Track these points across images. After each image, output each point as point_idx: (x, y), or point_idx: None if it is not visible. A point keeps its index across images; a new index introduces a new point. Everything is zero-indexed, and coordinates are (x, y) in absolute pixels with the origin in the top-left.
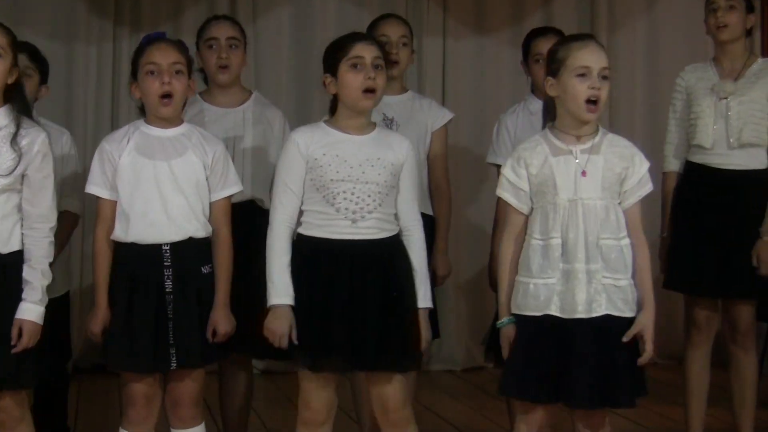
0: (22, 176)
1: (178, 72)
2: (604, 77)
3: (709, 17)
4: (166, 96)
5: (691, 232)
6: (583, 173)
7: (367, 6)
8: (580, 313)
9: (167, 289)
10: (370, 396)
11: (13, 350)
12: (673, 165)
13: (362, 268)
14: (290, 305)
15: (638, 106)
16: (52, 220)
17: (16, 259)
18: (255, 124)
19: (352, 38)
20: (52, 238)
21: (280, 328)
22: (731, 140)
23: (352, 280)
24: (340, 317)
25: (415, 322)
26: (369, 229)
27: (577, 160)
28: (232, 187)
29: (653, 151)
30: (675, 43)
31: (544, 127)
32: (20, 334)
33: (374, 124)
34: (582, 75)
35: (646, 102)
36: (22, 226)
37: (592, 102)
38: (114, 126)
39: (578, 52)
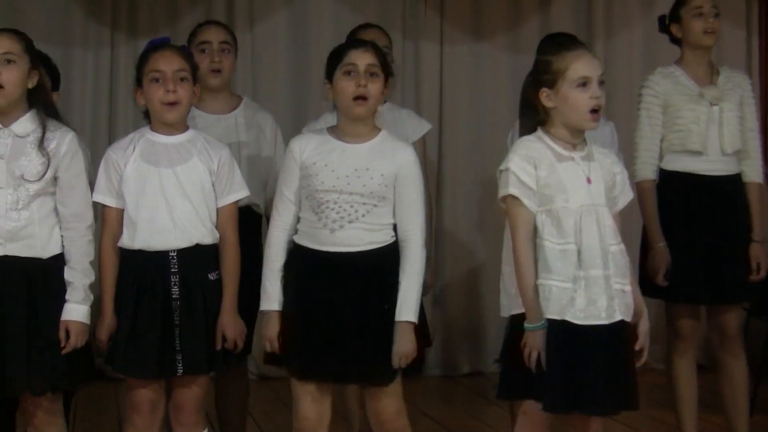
0: (54, 178)
1: (182, 79)
2: (602, 82)
3: (694, 22)
4: (171, 103)
5: (679, 240)
6: (588, 180)
7: (364, 11)
8: (602, 320)
9: (174, 296)
10: (366, 407)
11: (63, 351)
12: (650, 173)
13: (342, 280)
14: (278, 311)
15: (635, 111)
16: (87, 219)
17: (58, 262)
18: (248, 129)
19: (348, 45)
20: (91, 237)
21: (269, 333)
22: (725, 146)
23: (332, 291)
24: (320, 329)
25: (389, 335)
26: (348, 239)
27: (579, 167)
28: (238, 192)
29: None
30: (672, 48)
31: (522, 134)
32: (68, 336)
33: (378, 131)
34: (583, 85)
35: None
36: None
37: (594, 111)
38: (111, 132)
39: (576, 63)
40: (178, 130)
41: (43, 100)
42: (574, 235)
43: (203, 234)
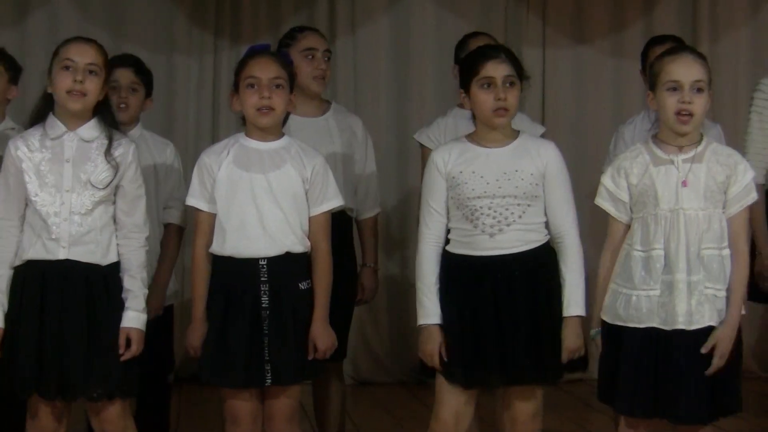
0: (116, 187)
1: (278, 86)
2: (699, 89)
3: None
4: (265, 108)
5: None
6: (684, 183)
7: (466, 16)
8: (681, 325)
9: (263, 305)
10: (505, 406)
11: (122, 358)
12: (758, 177)
13: (506, 283)
14: (438, 324)
15: (742, 116)
16: (146, 230)
17: (115, 271)
18: (341, 132)
19: (483, 56)
20: (148, 247)
21: (430, 348)
22: None
23: (497, 295)
24: (489, 334)
25: (560, 332)
26: (509, 242)
27: (678, 170)
28: (331, 201)
29: None
30: None
31: None
32: (128, 343)
33: (516, 132)
34: (673, 89)
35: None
36: (116, 236)
37: (684, 114)
38: (215, 138)
39: (669, 66)
40: (273, 137)
41: (107, 110)
42: (663, 240)
43: (293, 242)
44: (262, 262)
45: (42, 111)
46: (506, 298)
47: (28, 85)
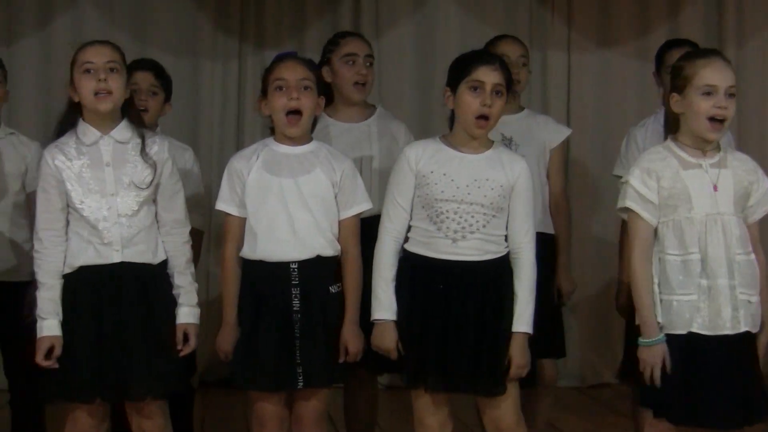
0: (156, 185)
1: (306, 88)
2: (731, 95)
3: None
4: (294, 112)
5: None
6: (715, 187)
7: (491, 21)
8: (727, 330)
9: (294, 308)
10: (482, 416)
11: (181, 354)
12: None
13: (460, 290)
14: (393, 320)
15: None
16: (188, 224)
17: (165, 268)
18: (380, 138)
19: (477, 60)
20: (191, 242)
21: (385, 343)
22: None
23: (449, 300)
24: (435, 337)
25: (508, 346)
26: (470, 249)
27: (707, 174)
28: (360, 205)
29: None
30: None
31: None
32: (185, 338)
33: (491, 142)
34: (708, 93)
35: None
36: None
37: (717, 121)
38: (239, 142)
39: (704, 69)
40: (302, 141)
41: (134, 109)
42: (698, 245)
43: (323, 245)
44: (293, 266)
45: (69, 120)
46: (458, 305)
47: (54, 90)
